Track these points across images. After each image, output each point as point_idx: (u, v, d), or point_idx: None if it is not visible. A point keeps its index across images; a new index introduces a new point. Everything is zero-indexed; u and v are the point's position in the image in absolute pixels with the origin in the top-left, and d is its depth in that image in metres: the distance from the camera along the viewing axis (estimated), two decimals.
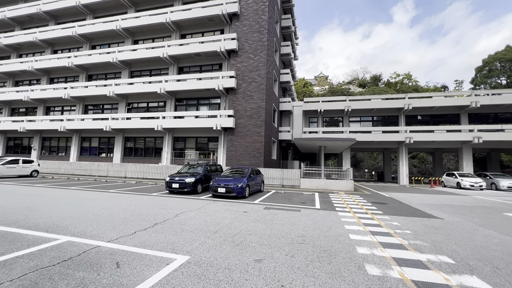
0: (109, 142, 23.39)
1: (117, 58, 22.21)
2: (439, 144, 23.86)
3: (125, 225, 5.39)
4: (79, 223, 5.47)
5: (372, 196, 12.79)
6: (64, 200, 8.32)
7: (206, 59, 21.60)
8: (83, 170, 20.55)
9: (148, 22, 21.89)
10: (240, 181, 10.05)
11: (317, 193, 12.76)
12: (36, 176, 17.45)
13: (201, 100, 21.64)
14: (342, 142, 16.17)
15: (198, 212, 7.10)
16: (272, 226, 5.75)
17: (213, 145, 20.61)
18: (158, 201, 8.69)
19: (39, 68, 25.07)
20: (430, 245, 4.78)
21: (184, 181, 10.49)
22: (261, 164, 18.26)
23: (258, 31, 19.71)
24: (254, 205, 8.55)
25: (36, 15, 26.41)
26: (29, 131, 24.30)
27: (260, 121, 18.79)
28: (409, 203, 10.61)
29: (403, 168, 23.78)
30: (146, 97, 22.67)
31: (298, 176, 15.75)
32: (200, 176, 11.09)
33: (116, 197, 9.27)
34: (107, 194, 10.12)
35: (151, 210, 7.15)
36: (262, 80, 19.18)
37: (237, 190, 9.71)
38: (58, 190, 10.88)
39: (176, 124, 20.09)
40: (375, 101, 24.28)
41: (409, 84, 59.53)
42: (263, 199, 10.21)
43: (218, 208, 7.83)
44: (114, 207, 7.33)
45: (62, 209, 6.81)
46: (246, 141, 18.85)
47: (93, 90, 22.76)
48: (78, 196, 9.19)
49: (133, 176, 19.12)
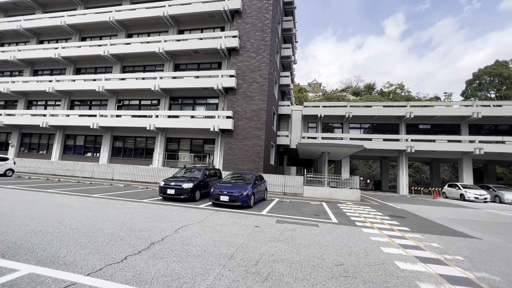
0: (96, 140, 21.73)
1: (108, 52, 20.77)
2: (439, 154, 23.54)
3: (112, 246, 4.17)
4: (51, 241, 4.21)
5: (382, 207, 11.92)
6: (37, 207, 6.94)
7: (205, 57, 20.50)
8: (65, 170, 18.81)
9: (144, 15, 20.63)
10: (244, 189, 8.92)
11: (324, 203, 11.77)
12: (10, 176, 15.66)
13: (197, 100, 20.44)
14: (349, 149, 15.34)
15: (201, 226, 5.93)
16: (297, 249, 4.66)
17: (209, 148, 19.39)
18: (152, 210, 7.44)
19: (22, 59, 23.23)
20: (504, 279, 3.82)
21: (181, 187, 9.25)
22: (261, 169, 17.18)
23: (261, 30, 18.83)
24: (263, 218, 7.44)
25: (21, 3, 24.65)
26: (7, 126, 22.30)
27: (261, 124, 17.77)
28: (427, 217, 9.77)
29: (403, 178, 23.24)
30: (138, 94, 21.26)
31: (301, 183, 14.75)
32: (198, 182, 9.88)
33: (101, 204, 7.95)
34: (91, 199, 8.76)
35: (144, 222, 5.93)
36: (264, 80, 18.23)
37: (242, 198, 8.58)
38: (33, 193, 9.40)
39: (170, 124, 18.77)
40: (377, 108, 23.78)
41: (402, 94, 60.38)
42: (270, 209, 9.10)
43: (224, 220, 6.68)
44: (99, 218, 6.05)
45: (32, 220, 5.49)
46: (245, 144, 17.76)
47: (81, 84, 21.16)
48: (56, 202, 7.81)
49: (121, 179, 17.59)
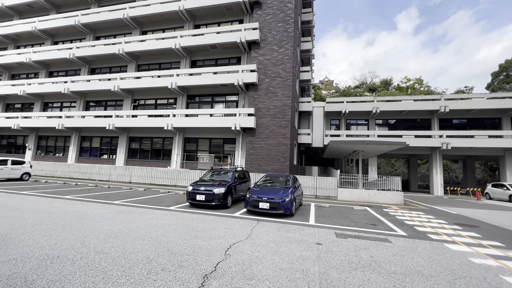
0: (112, 142, 21.06)
1: (123, 50, 20.03)
2: (476, 151, 21.56)
3: (154, 282, 3.04)
4: (73, 275, 3.12)
5: (435, 212, 10.43)
6: (54, 218, 5.96)
7: (223, 52, 19.42)
8: (82, 173, 18.18)
9: (159, 10, 19.75)
10: (285, 194, 7.71)
11: (368, 208, 10.41)
12: (27, 180, 15.06)
13: (216, 97, 19.39)
14: (388, 146, 13.85)
15: (252, 244, 4.76)
16: (400, 283, 3.40)
17: (229, 148, 18.29)
18: (184, 221, 6.34)
19: (38, 60, 22.88)
20: None
21: (212, 192, 8.13)
22: (287, 170, 15.93)
23: (283, 21, 17.57)
24: (317, 230, 6.21)
25: (36, 4, 24.34)
26: (24, 128, 21.98)
27: (285, 121, 16.53)
28: (498, 224, 8.26)
29: (437, 177, 21.43)
30: (154, 93, 20.43)
31: (334, 185, 13.39)
32: (230, 186, 8.74)
33: (125, 214, 6.92)
34: (112, 208, 7.77)
35: (182, 240, 4.81)
36: (287, 75, 16.98)
37: (285, 206, 7.37)
38: (49, 200, 8.51)
39: (189, 123, 17.79)
40: (407, 102, 22.04)
41: (421, 89, 57.56)
42: (315, 217, 7.85)
43: (274, 235, 5.49)
44: (127, 234, 4.99)
45: (49, 239, 4.46)
46: (269, 143, 16.56)
47: (96, 84, 20.52)
48: (75, 212, 6.84)
49: (139, 182, 16.75)
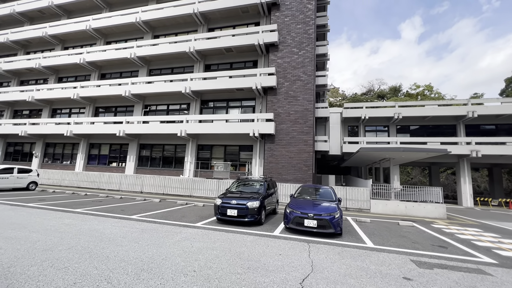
0: (121, 149, 20.16)
1: (135, 54, 19.37)
2: (506, 159, 20.21)
3: None
4: None
5: (494, 229, 9.17)
6: (67, 241, 4.92)
7: (238, 56, 18.64)
8: (91, 182, 17.22)
9: (172, 13, 19.17)
10: (333, 210, 6.59)
11: (414, 223, 9.20)
12: (33, 190, 14.10)
13: (231, 102, 18.50)
14: (426, 154, 12.68)
15: (326, 280, 3.65)
16: None
17: (246, 155, 17.25)
18: (223, 244, 5.25)
19: (47, 66, 22.34)
20: None
21: (245, 207, 7.03)
22: (309, 180, 14.82)
23: (303, 22, 16.81)
24: (384, 256, 5.07)
25: (47, 10, 24.02)
26: (31, 135, 21.23)
27: (307, 127, 15.51)
28: None
29: (465, 187, 20.06)
30: (166, 99, 19.62)
31: (367, 196, 12.19)
32: (262, 198, 7.65)
33: (149, 233, 5.86)
34: (132, 224, 6.71)
35: (234, 273, 3.72)
36: (309, 78, 16.07)
37: (335, 223, 6.24)
38: (59, 215, 7.49)
39: (203, 129, 16.85)
40: (431, 108, 20.92)
41: (431, 96, 56.30)
42: (367, 236, 6.69)
43: (341, 265, 4.37)
44: (162, 264, 3.91)
45: (63, 274, 3.41)
46: (290, 151, 15.51)
47: (106, 89, 19.81)
48: (91, 231, 5.79)
49: (151, 191, 15.72)
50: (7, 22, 26.47)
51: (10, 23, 26.41)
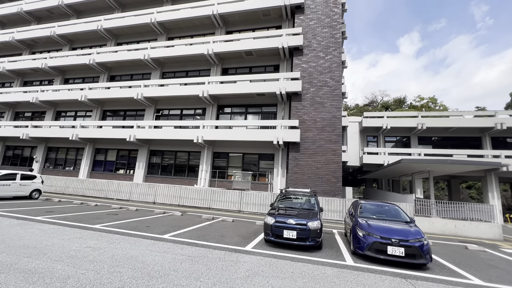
0: (130, 155, 18.89)
1: (149, 55, 18.41)
2: None
3: None
4: None
5: None
6: (105, 276, 3.67)
7: (258, 60, 17.78)
8: (97, 191, 15.84)
9: (190, 15, 18.37)
10: (417, 234, 5.44)
11: (478, 246, 8.06)
12: (37, 198, 12.70)
13: (250, 108, 17.48)
14: (475, 167, 11.62)
15: None
16: None
17: (266, 165, 16.09)
18: (308, 283, 4.05)
19: (54, 66, 21.26)
20: None
21: (306, 228, 5.82)
22: (339, 193, 13.67)
23: (330, 26, 16.05)
24: None
25: (56, 9, 23.17)
26: (33, 138, 19.88)
27: (336, 135, 14.48)
28: None
29: (494, 202, 18.98)
30: (180, 103, 18.57)
31: (411, 213, 11.05)
32: (319, 216, 6.46)
33: (201, 261, 4.63)
34: (172, 248, 5.45)
35: None
36: (336, 84, 15.17)
37: (426, 251, 5.08)
38: (78, 234, 6.21)
39: (221, 136, 15.73)
40: (456, 119, 20.07)
41: (436, 108, 56.01)
42: (457, 267, 5.52)
43: None
44: None
45: None
46: (316, 161, 14.40)
47: (117, 92, 18.71)
48: (126, 258, 4.54)
49: (165, 202, 14.39)
50: (13, 21, 25.58)
51: (16, 22, 25.51)
